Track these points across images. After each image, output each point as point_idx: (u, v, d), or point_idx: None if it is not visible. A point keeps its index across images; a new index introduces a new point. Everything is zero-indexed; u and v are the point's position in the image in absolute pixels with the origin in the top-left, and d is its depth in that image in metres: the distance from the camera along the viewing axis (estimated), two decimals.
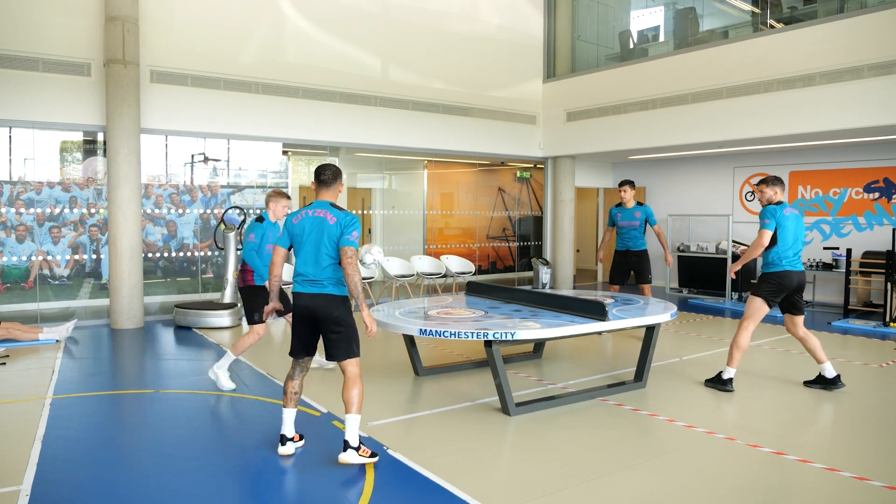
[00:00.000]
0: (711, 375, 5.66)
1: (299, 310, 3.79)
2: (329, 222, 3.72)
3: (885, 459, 4.00)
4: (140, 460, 3.89)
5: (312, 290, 3.74)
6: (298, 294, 3.79)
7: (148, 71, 8.26)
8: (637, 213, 7.48)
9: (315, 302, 3.74)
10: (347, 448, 3.70)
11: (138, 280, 8.11)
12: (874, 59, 7.87)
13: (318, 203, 3.83)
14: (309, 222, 3.77)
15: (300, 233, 3.78)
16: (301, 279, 3.78)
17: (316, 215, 3.76)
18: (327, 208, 3.77)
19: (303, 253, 3.77)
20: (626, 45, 11.92)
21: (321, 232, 3.72)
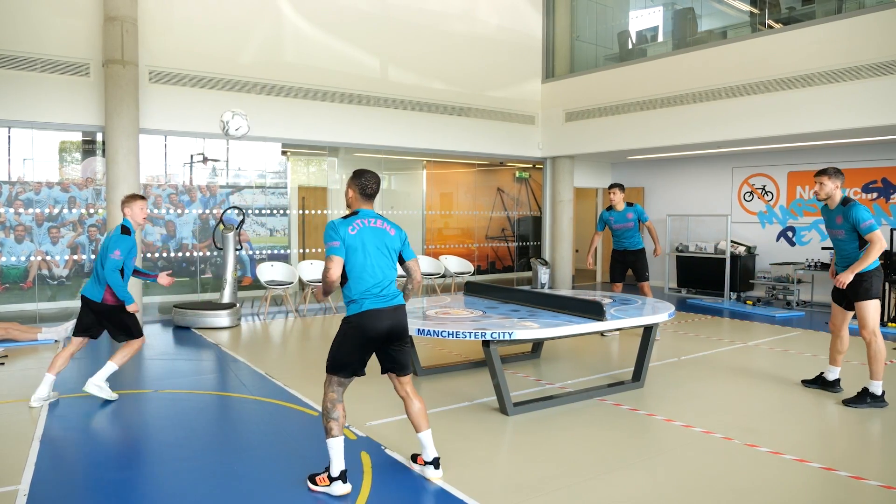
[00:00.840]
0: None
1: (379, 325, 3.42)
2: (390, 234, 3.55)
3: (882, 459, 4.00)
4: (138, 460, 3.90)
5: (392, 304, 3.48)
6: (377, 312, 3.42)
7: (147, 71, 8.26)
8: (629, 214, 7.56)
9: (397, 316, 3.50)
10: (438, 464, 3.59)
11: (137, 280, 8.09)
12: (873, 59, 7.88)
13: (368, 213, 3.57)
14: (370, 232, 3.49)
15: (360, 244, 3.44)
16: (376, 293, 3.45)
17: (375, 226, 3.52)
18: (381, 219, 3.59)
19: (369, 265, 3.45)
20: (625, 45, 11.93)
21: (385, 242, 3.51)
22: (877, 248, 4.81)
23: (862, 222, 4.84)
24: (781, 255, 10.66)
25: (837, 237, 5.10)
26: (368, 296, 3.44)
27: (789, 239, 10.66)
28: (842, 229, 5.02)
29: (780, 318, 9.15)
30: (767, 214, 10.93)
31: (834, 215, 5.08)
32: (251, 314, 9.12)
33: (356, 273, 3.45)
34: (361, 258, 3.44)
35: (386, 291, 3.48)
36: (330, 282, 3.43)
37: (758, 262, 10.96)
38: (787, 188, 10.81)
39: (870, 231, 4.82)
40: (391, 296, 3.50)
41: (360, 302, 3.44)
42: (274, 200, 10.29)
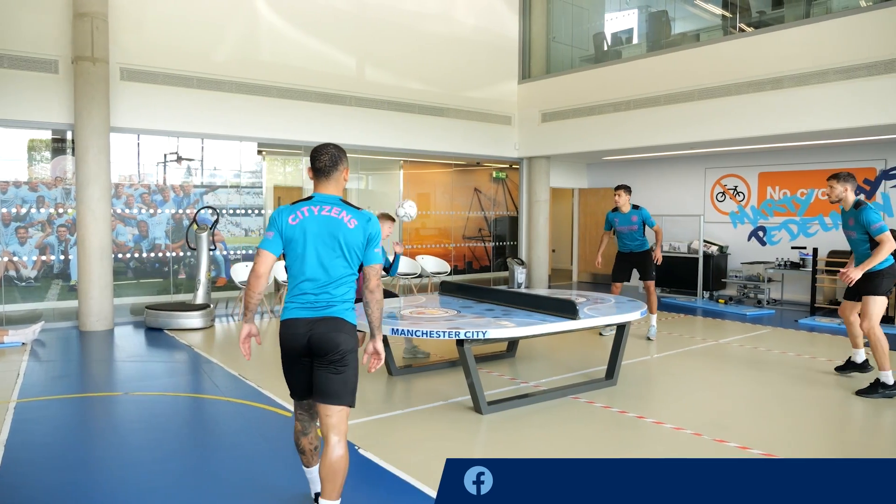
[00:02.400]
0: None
1: (293, 338, 2.80)
2: (347, 226, 2.81)
3: (846, 452, 4.09)
4: (107, 464, 3.85)
5: (316, 315, 2.79)
6: (295, 321, 2.81)
7: (118, 68, 8.14)
8: (634, 217, 7.47)
9: (316, 329, 2.77)
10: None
11: (108, 281, 7.99)
12: (839, 63, 8.05)
13: (323, 197, 2.89)
14: (314, 223, 2.81)
15: (300, 236, 2.81)
16: (302, 300, 2.83)
17: (325, 214, 2.82)
18: (340, 206, 2.86)
19: (305, 264, 2.81)
20: (601, 46, 12.03)
21: (334, 237, 2.80)
22: (886, 247, 5.03)
23: (872, 224, 5.10)
24: (752, 255, 10.84)
25: (851, 238, 5.38)
26: (295, 301, 2.84)
27: (760, 239, 10.83)
28: (854, 231, 5.29)
29: (750, 316, 9.31)
30: (739, 214, 11.10)
31: (847, 217, 5.35)
32: (225, 315, 9.04)
33: (291, 272, 2.86)
34: (299, 253, 2.81)
35: (319, 298, 2.80)
36: (253, 279, 2.84)
37: (730, 262, 11.13)
38: (758, 189, 10.99)
39: (880, 232, 5.06)
40: (323, 304, 2.80)
41: (286, 307, 2.86)
42: (249, 200, 10.20)
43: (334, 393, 2.78)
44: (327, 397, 2.79)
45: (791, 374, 5.91)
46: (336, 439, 2.79)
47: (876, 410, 4.98)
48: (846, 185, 5.26)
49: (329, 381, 2.78)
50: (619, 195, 7.53)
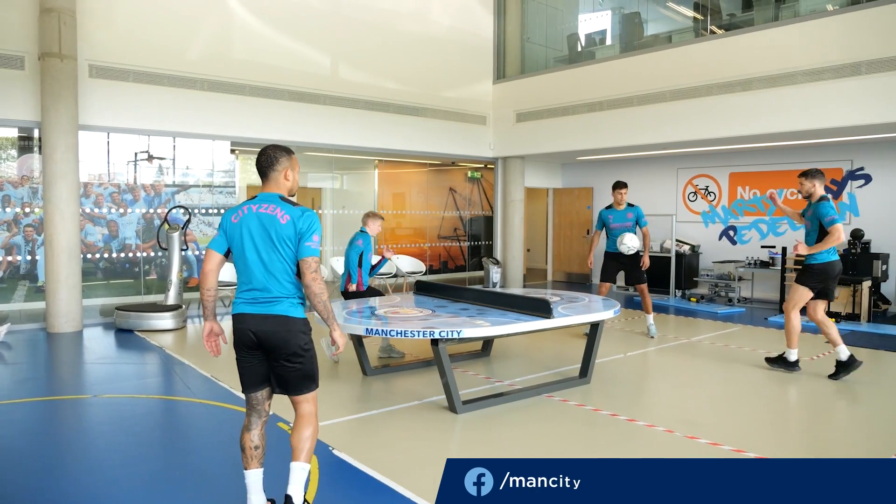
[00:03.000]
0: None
1: (243, 336, 2.92)
2: (280, 221, 2.88)
3: (813, 448, 4.18)
4: (76, 469, 3.77)
5: (260, 311, 2.89)
6: (241, 316, 2.93)
7: (86, 65, 7.99)
8: (629, 215, 7.48)
9: (261, 326, 2.88)
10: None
11: (77, 282, 7.84)
12: (807, 65, 8.22)
13: (263, 196, 2.98)
14: (252, 221, 2.91)
15: (240, 234, 2.92)
16: (247, 297, 2.94)
17: (262, 211, 2.91)
18: (276, 203, 2.94)
19: (246, 261, 2.92)
20: (574, 47, 12.12)
21: (268, 234, 2.89)
22: (833, 237, 5.36)
23: (826, 216, 5.42)
24: (723, 254, 11.01)
25: (805, 228, 5.74)
26: (241, 296, 2.96)
27: (731, 238, 11.00)
28: (809, 221, 5.63)
29: (721, 314, 9.45)
30: (710, 214, 11.26)
31: (807, 209, 5.69)
32: (198, 316, 8.92)
33: (237, 269, 2.98)
34: (240, 251, 2.93)
35: (261, 294, 2.90)
36: (201, 277, 2.96)
37: (701, 261, 11.29)
38: (728, 189, 11.16)
39: (832, 224, 5.38)
40: (266, 300, 2.90)
41: (235, 302, 2.99)
42: (222, 200, 10.08)
43: (294, 386, 2.97)
44: (290, 390, 2.99)
45: (761, 372, 6.01)
46: (308, 416, 3.02)
47: (846, 405, 5.09)
48: (814, 182, 5.60)
49: (287, 376, 2.96)
50: (622, 192, 7.51)
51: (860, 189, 9.64)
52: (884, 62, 7.62)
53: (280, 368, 2.93)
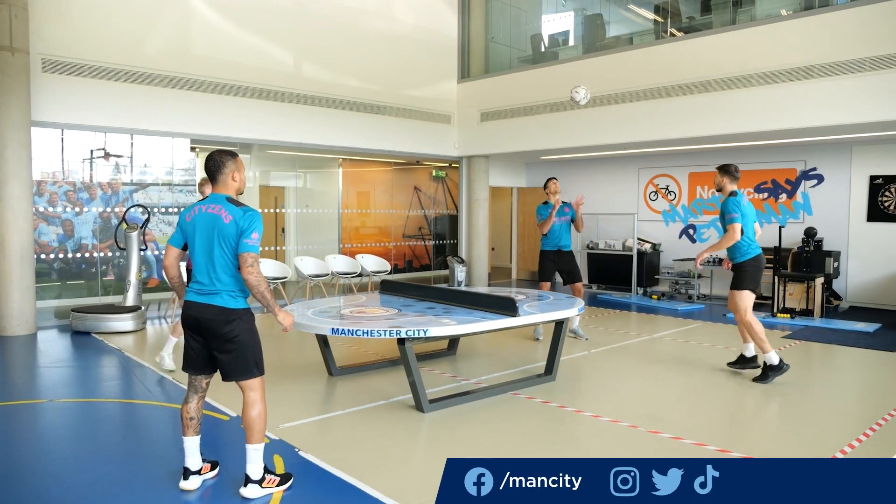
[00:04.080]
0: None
1: (189, 320, 3.28)
2: (223, 220, 3.20)
3: (771, 439, 4.30)
4: (31, 476, 3.66)
5: (202, 301, 3.24)
6: (188, 303, 3.29)
7: (39, 59, 7.74)
8: (566, 209, 7.56)
9: (202, 314, 3.23)
10: (248, 482, 3.30)
11: (30, 283, 7.60)
12: (762, 68, 8.44)
13: (212, 197, 3.32)
14: (201, 220, 3.26)
15: (192, 232, 3.28)
16: (195, 287, 3.29)
17: (209, 211, 3.25)
18: (223, 203, 3.26)
19: (195, 256, 3.28)
20: (538, 48, 12.23)
21: (213, 232, 3.21)
22: (727, 237, 5.39)
23: (727, 213, 5.41)
24: (683, 252, 11.24)
25: (719, 227, 5.80)
26: (192, 287, 3.33)
27: (690, 236, 11.24)
28: (721, 221, 5.64)
29: (682, 311, 9.65)
30: (671, 213, 11.48)
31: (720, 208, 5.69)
32: (157, 317, 8.73)
33: (192, 262, 3.36)
34: (191, 247, 3.32)
35: (206, 286, 3.26)
36: (163, 270, 3.48)
37: (662, 259, 11.50)
38: (688, 188, 11.40)
39: (730, 222, 5.38)
40: (210, 291, 3.25)
41: (187, 291, 3.38)
42: (182, 198, 9.90)
43: (231, 371, 3.29)
44: (227, 375, 3.32)
45: (720, 367, 6.15)
46: (251, 402, 3.32)
47: (800, 399, 5.24)
48: (724, 178, 5.62)
49: (223, 361, 3.29)
50: (555, 183, 7.63)
51: (813, 189, 9.95)
52: (835, 66, 7.87)
53: (219, 355, 3.28)
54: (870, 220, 9.60)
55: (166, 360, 5.85)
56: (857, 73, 7.73)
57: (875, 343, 7.24)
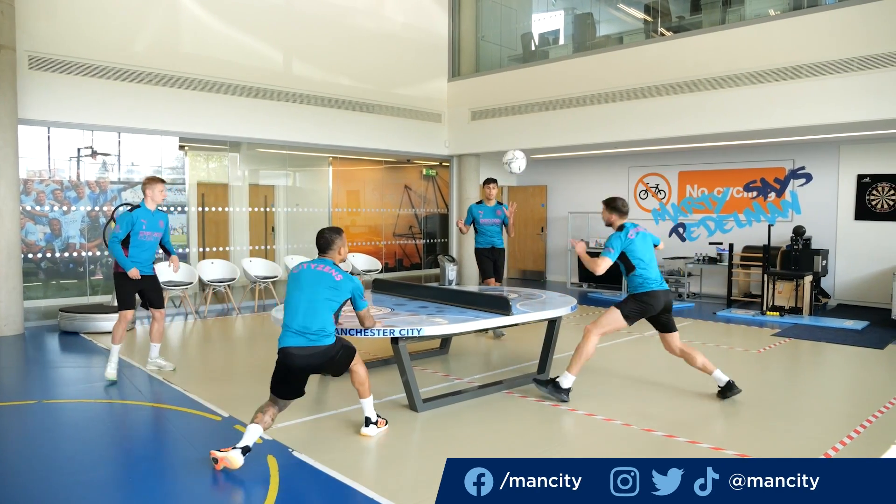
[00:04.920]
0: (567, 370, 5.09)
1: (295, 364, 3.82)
2: (335, 279, 3.91)
3: (765, 436, 4.32)
4: (21, 477, 3.61)
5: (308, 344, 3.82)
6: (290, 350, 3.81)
7: (26, 56, 7.65)
8: (498, 212, 7.59)
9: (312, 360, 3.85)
10: (369, 423, 4.18)
11: (17, 283, 7.51)
12: (750, 68, 8.49)
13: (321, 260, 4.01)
14: (308, 275, 3.92)
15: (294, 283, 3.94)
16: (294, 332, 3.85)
17: (317, 269, 3.93)
18: (331, 266, 3.97)
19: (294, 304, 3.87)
20: (528, 47, 12.23)
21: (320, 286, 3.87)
22: (598, 263, 5.00)
23: (607, 245, 5.09)
24: (673, 250, 11.29)
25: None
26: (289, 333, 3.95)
27: (680, 235, 11.25)
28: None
29: (672, 309, 9.68)
30: (661, 212, 11.51)
31: None
32: (147, 317, 8.64)
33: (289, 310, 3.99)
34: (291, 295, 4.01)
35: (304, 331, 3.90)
36: None
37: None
38: (678, 187, 11.46)
39: (604, 254, 5.04)
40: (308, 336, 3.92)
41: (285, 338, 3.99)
42: (171, 197, 9.82)
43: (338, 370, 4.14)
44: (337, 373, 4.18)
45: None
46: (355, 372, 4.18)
47: (791, 396, 5.28)
48: (611, 215, 5.24)
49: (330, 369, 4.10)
50: (493, 187, 7.58)
51: (801, 187, 10.02)
52: (823, 66, 7.94)
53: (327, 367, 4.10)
54: (857, 219, 9.70)
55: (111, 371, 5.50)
56: (844, 73, 7.80)
57: (863, 340, 7.31)
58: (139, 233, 5.52)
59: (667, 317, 5.09)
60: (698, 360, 5.07)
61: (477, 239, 7.73)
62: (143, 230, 5.54)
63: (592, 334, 4.98)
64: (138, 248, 5.56)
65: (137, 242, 5.54)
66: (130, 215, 5.51)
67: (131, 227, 5.49)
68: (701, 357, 5.08)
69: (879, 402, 4.99)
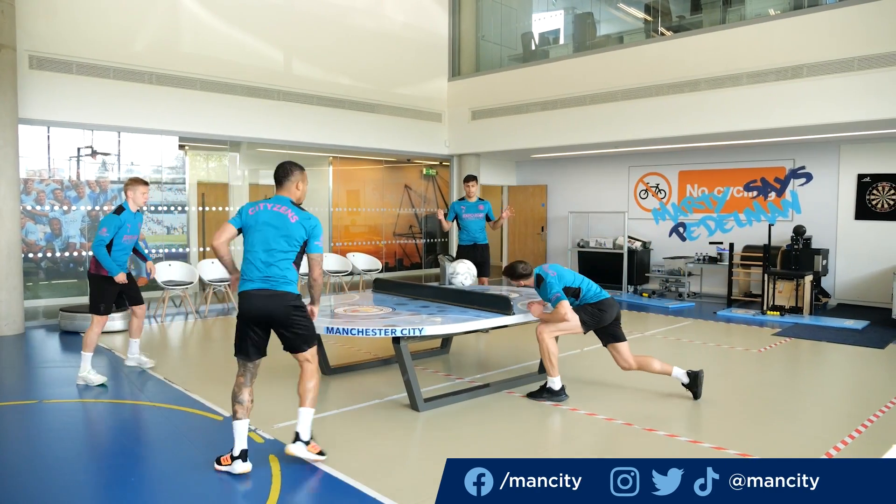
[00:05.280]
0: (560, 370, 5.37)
1: (252, 310, 3.62)
2: (290, 220, 3.63)
3: (765, 435, 4.33)
4: (21, 477, 3.62)
5: (267, 287, 3.60)
6: (250, 293, 3.61)
7: (26, 56, 7.65)
8: (480, 207, 7.67)
9: (271, 302, 3.61)
10: (297, 440, 3.67)
11: (18, 282, 7.51)
12: (750, 68, 8.49)
13: (277, 198, 3.73)
14: (266, 215, 3.64)
15: (253, 224, 3.64)
16: (255, 276, 3.62)
17: (275, 210, 3.65)
18: (288, 205, 3.70)
19: (256, 248, 3.63)
20: (528, 46, 12.23)
21: (279, 229, 3.62)
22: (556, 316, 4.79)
23: (550, 295, 4.81)
24: (673, 250, 11.30)
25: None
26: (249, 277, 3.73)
27: (680, 234, 11.28)
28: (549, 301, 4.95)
29: (672, 308, 9.71)
30: (661, 211, 11.52)
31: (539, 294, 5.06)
32: (148, 316, 8.65)
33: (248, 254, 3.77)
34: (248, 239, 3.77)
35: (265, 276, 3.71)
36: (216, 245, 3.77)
37: (652, 257, 11.56)
38: (678, 186, 11.46)
39: (557, 302, 4.77)
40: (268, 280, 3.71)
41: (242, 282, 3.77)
42: (171, 197, 9.83)
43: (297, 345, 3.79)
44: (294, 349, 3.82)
45: (711, 364, 6.19)
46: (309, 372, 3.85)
47: (792, 396, 5.29)
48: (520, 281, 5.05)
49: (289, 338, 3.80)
50: (472, 185, 7.69)
51: (802, 187, 10.02)
52: (823, 66, 7.94)
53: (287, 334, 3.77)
54: (858, 219, 9.70)
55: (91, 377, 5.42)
56: (845, 72, 7.80)
57: (863, 340, 7.31)
58: (123, 236, 5.44)
59: (616, 326, 5.02)
60: (655, 365, 5.03)
61: (460, 236, 7.81)
62: (127, 233, 5.46)
63: (542, 333, 4.88)
64: (121, 251, 5.47)
65: (121, 245, 5.45)
66: (118, 218, 5.40)
67: (118, 230, 5.39)
68: (657, 361, 5.06)
69: (880, 402, 5.00)
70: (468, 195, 7.71)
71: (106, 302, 5.53)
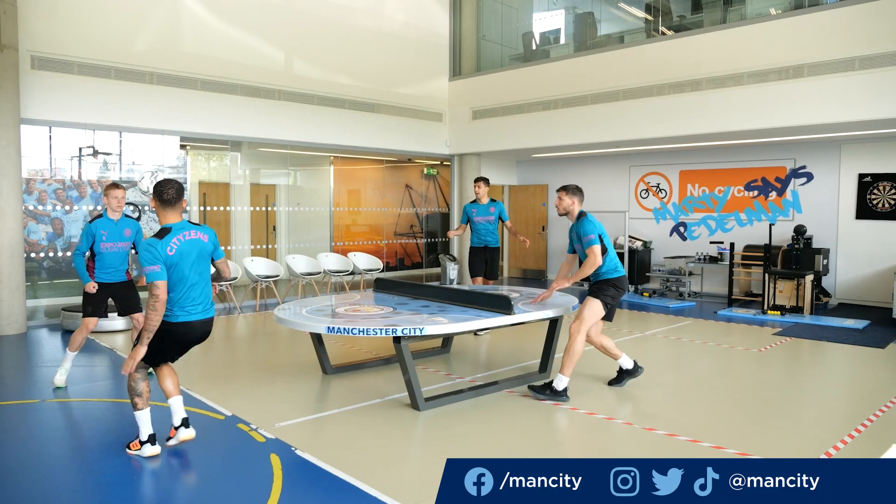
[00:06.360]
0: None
1: (197, 337, 3.87)
2: (203, 241, 3.83)
3: (765, 435, 4.34)
4: (24, 476, 3.63)
5: (208, 316, 3.89)
6: (194, 323, 3.81)
7: (28, 56, 7.67)
8: (492, 209, 7.65)
9: (209, 327, 3.93)
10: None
11: (20, 282, 7.53)
12: (751, 67, 8.49)
13: (181, 225, 3.79)
14: (187, 246, 3.76)
15: (178, 260, 3.72)
16: (200, 306, 3.83)
17: (190, 238, 3.78)
18: (195, 228, 3.83)
19: (191, 279, 3.76)
20: (529, 46, 12.24)
21: (202, 253, 3.82)
22: (590, 261, 4.86)
23: (585, 235, 4.90)
24: (674, 250, 11.31)
25: (578, 251, 5.15)
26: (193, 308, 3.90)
27: (681, 234, 11.29)
28: (579, 243, 5.07)
29: (673, 308, 9.71)
30: (661, 211, 11.54)
31: (572, 230, 5.16)
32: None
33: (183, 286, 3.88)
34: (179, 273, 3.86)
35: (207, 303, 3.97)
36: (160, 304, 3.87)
37: (653, 256, 11.57)
38: (679, 186, 11.46)
39: (589, 245, 4.87)
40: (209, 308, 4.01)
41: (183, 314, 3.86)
42: None
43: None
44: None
45: (711, 363, 6.20)
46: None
47: (794, 395, 5.29)
48: (574, 199, 5.10)
49: None
50: (479, 186, 7.67)
51: (802, 187, 10.03)
52: (825, 65, 7.94)
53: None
54: (858, 218, 9.70)
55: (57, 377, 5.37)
56: (846, 72, 7.80)
57: (864, 339, 7.32)
58: (100, 244, 5.22)
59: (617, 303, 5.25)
60: (614, 349, 5.28)
61: (471, 238, 7.83)
62: (104, 241, 5.22)
63: (578, 333, 5.00)
64: (109, 258, 5.27)
65: (100, 254, 5.24)
66: (89, 227, 5.22)
67: (92, 238, 5.20)
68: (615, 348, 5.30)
69: (880, 402, 5.00)
70: (477, 197, 7.70)
71: (92, 305, 5.30)
